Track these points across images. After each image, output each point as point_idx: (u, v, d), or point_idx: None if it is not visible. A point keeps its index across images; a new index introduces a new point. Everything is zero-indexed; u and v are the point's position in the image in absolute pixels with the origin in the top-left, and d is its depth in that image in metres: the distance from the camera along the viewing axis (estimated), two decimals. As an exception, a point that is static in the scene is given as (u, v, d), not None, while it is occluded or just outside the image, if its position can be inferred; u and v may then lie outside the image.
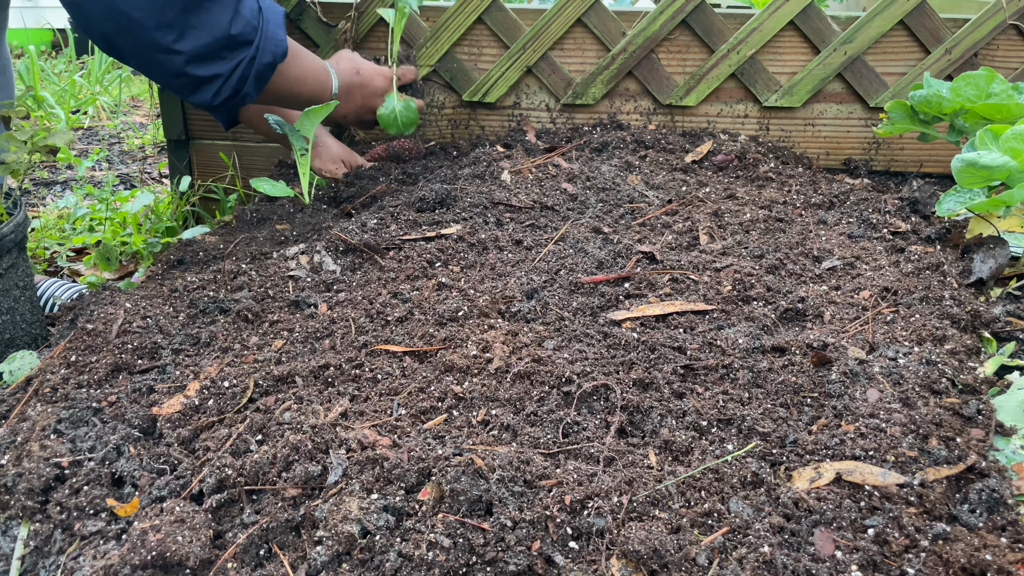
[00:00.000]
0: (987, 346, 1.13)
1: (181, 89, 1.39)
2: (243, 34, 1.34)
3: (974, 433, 0.92)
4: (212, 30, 1.30)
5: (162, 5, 1.25)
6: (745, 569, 0.73)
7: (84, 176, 2.82)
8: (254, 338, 1.15)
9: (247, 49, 1.36)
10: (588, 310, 1.20)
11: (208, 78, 1.35)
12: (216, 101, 1.39)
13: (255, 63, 1.38)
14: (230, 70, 1.36)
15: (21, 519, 0.86)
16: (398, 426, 0.93)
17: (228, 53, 1.35)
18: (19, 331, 1.30)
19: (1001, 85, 1.52)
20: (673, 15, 1.85)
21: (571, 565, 0.74)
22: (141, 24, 1.25)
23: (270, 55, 1.39)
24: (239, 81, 1.37)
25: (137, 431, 0.96)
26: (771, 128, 1.95)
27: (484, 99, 1.96)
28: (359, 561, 0.75)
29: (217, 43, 1.32)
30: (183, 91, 1.39)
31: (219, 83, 1.36)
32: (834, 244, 1.42)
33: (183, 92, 1.40)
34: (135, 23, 1.25)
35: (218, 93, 1.37)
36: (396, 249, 1.40)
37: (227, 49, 1.34)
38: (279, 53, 1.41)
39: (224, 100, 1.39)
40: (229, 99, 1.40)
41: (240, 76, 1.37)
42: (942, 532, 0.77)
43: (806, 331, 1.14)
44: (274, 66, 1.42)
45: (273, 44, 1.40)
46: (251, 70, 1.38)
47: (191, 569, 0.77)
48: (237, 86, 1.38)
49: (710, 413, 0.95)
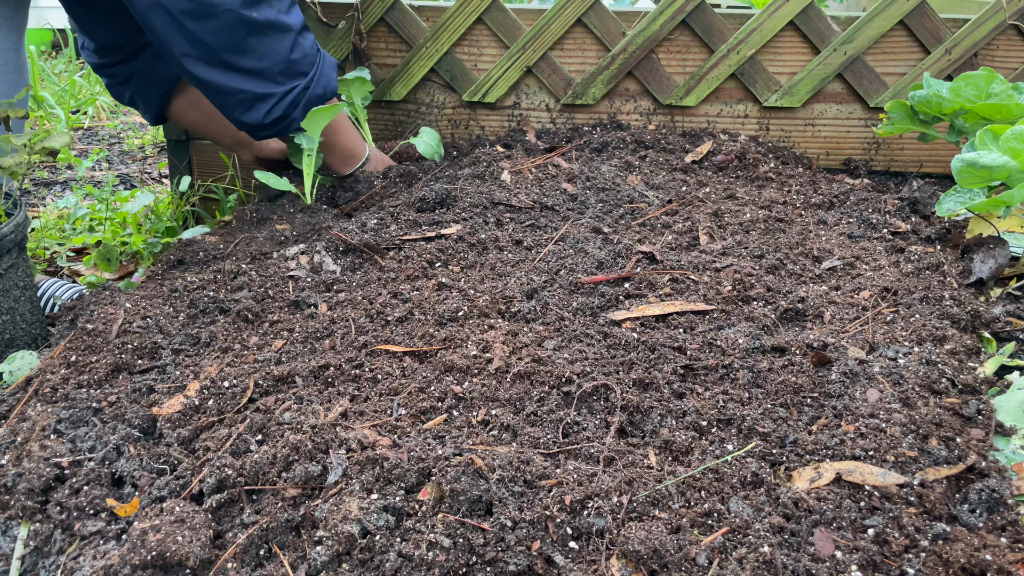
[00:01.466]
0: (987, 346, 1.13)
1: (235, 106, 1.50)
2: (301, 63, 1.50)
3: (974, 433, 0.92)
4: (272, 55, 1.46)
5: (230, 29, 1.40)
6: (745, 569, 0.73)
7: (84, 176, 2.82)
8: (254, 338, 1.15)
9: (302, 79, 1.51)
10: (588, 310, 1.20)
11: (263, 95, 1.48)
12: (267, 120, 1.51)
13: (308, 92, 1.52)
14: (284, 92, 1.49)
15: (21, 519, 0.86)
16: (398, 426, 0.93)
17: (284, 79, 1.49)
18: (19, 331, 1.30)
19: (1001, 85, 1.52)
20: (673, 15, 1.85)
21: (571, 565, 0.74)
22: (211, 46, 1.41)
23: (322, 88, 1.54)
24: (290, 106, 1.51)
25: (137, 431, 0.96)
26: (771, 128, 1.95)
27: (484, 99, 1.96)
28: (359, 561, 0.75)
29: (275, 66, 1.47)
30: (237, 107, 1.50)
31: (272, 101, 1.49)
32: (834, 244, 1.42)
33: (236, 108, 1.50)
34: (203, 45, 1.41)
35: (270, 112, 1.50)
36: (396, 249, 1.40)
37: (283, 75, 1.48)
38: (331, 89, 1.57)
39: (274, 120, 1.52)
40: (278, 120, 1.52)
41: (291, 101, 1.51)
42: (942, 532, 0.77)
43: (806, 331, 1.14)
44: (324, 99, 1.56)
45: (326, 80, 1.56)
46: (303, 98, 1.52)
47: (191, 569, 0.77)
48: (287, 110, 1.51)
49: (710, 413, 0.95)
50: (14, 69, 1.56)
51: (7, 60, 1.54)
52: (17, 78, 1.57)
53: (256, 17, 1.40)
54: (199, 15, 1.37)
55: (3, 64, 1.53)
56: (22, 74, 1.59)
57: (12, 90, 1.56)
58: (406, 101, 2.00)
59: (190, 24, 1.37)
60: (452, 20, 1.89)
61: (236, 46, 1.41)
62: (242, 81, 1.45)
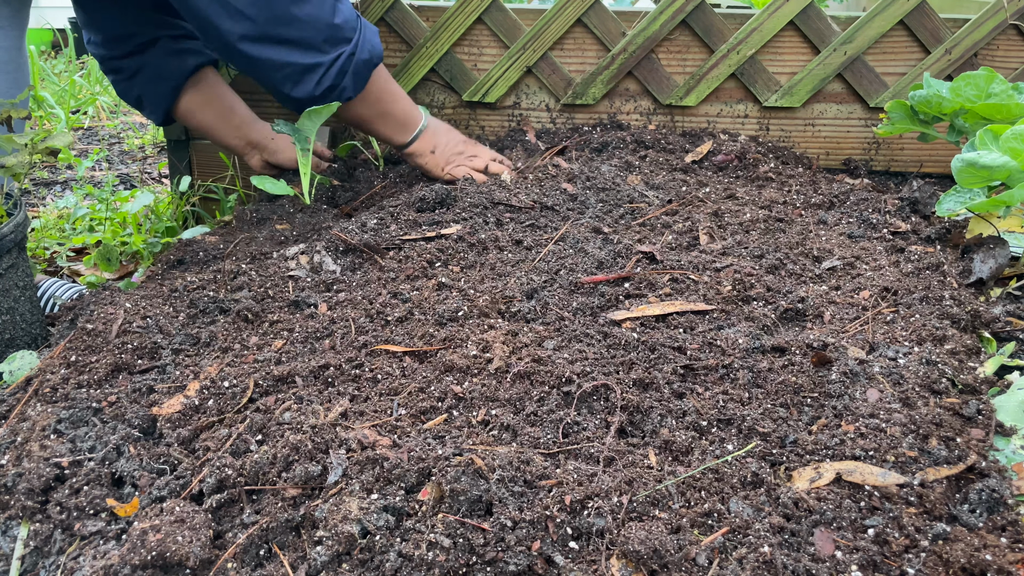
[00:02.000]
0: (987, 346, 1.13)
1: (284, 80, 1.46)
2: (344, 28, 1.45)
3: (974, 433, 0.92)
4: (315, 21, 1.41)
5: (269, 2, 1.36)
6: (745, 569, 0.73)
7: (84, 176, 2.82)
8: (254, 338, 1.15)
9: (346, 45, 1.46)
10: (588, 310, 1.20)
11: (310, 66, 1.44)
12: (317, 91, 1.47)
13: (354, 59, 1.47)
14: (331, 61, 1.45)
15: (21, 519, 0.86)
16: (398, 426, 0.93)
17: (329, 47, 1.44)
18: (19, 331, 1.30)
19: (1001, 85, 1.52)
20: (673, 15, 1.85)
21: (571, 565, 0.74)
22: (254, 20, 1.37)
23: (368, 53, 1.49)
24: (338, 74, 1.46)
25: (137, 431, 0.96)
26: (771, 128, 1.95)
27: (484, 99, 1.96)
28: (359, 561, 0.75)
29: (319, 33, 1.42)
30: (286, 82, 1.46)
31: (320, 73, 1.45)
32: (834, 244, 1.42)
33: (286, 83, 1.46)
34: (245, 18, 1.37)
35: (319, 83, 1.46)
36: (396, 249, 1.40)
37: (328, 42, 1.43)
38: (376, 54, 1.51)
39: (324, 91, 1.47)
40: (328, 91, 1.48)
41: (339, 69, 1.46)
42: (942, 532, 0.77)
43: (806, 331, 1.14)
44: (372, 65, 1.51)
45: (371, 45, 1.50)
46: (350, 64, 1.47)
47: (191, 569, 0.77)
48: (336, 79, 1.47)
49: (710, 413, 0.95)
50: (14, 69, 1.56)
51: (8, 59, 1.54)
52: (17, 77, 1.57)
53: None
54: None
55: (4, 63, 1.53)
56: (22, 74, 1.59)
57: (12, 90, 1.56)
58: (406, 101, 2.00)
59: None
60: (452, 20, 1.89)
61: (279, 16, 1.38)
62: (288, 53, 1.42)
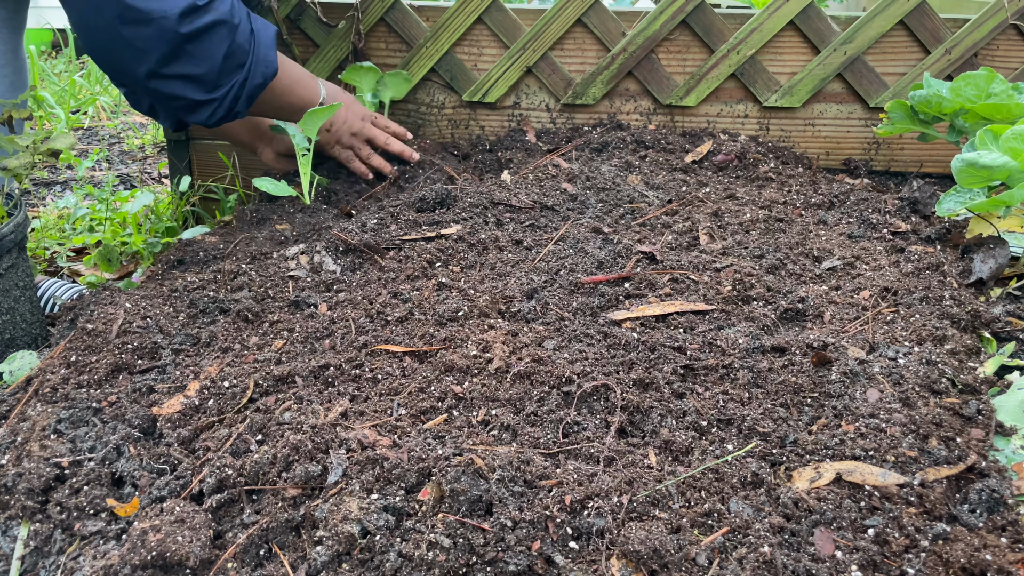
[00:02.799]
0: (987, 346, 1.13)
1: (177, 110, 1.47)
2: (236, 55, 1.42)
3: (974, 433, 0.92)
4: (211, 59, 1.39)
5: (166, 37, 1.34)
6: (745, 569, 0.73)
7: (84, 176, 2.82)
8: (254, 338, 1.15)
9: (239, 72, 1.44)
10: (588, 310, 1.20)
11: (203, 102, 1.43)
12: (211, 121, 1.47)
13: (247, 85, 1.46)
14: (223, 95, 1.44)
15: (21, 519, 0.86)
16: (398, 426, 0.93)
17: (223, 79, 1.43)
18: (19, 331, 1.30)
19: (1001, 85, 1.52)
20: (673, 15, 1.85)
21: (571, 565, 0.74)
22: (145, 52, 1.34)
23: (260, 76, 1.48)
24: (232, 101, 1.46)
25: (137, 431, 0.96)
26: (771, 128, 1.95)
27: (484, 99, 1.96)
28: (359, 561, 0.75)
29: (212, 70, 1.40)
30: (180, 111, 1.47)
31: (214, 106, 1.45)
32: (834, 244, 1.42)
33: (180, 112, 1.47)
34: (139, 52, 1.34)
35: (212, 115, 1.46)
36: (396, 249, 1.40)
37: (221, 75, 1.42)
38: (269, 74, 1.50)
39: (219, 120, 1.48)
40: (223, 119, 1.48)
41: (233, 97, 1.45)
42: (942, 532, 0.77)
43: (806, 331, 1.14)
44: (264, 86, 1.50)
45: (264, 66, 1.48)
46: (243, 92, 1.46)
47: (191, 569, 0.77)
48: (230, 106, 1.46)
49: (710, 413, 0.95)
50: (12, 71, 1.56)
51: (6, 62, 1.54)
52: (16, 79, 1.57)
53: (195, 25, 1.34)
54: (136, 21, 1.31)
55: (1, 66, 1.53)
56: (21, 75, 1.59)
57: (11, 91, 1.56)
58: (406, 101, 2.00)
59: (125, 30, 1.31)
60: (452, 20, 1.89)
61: (172, 54, 1.36)
62: (181, 88, 1.40)
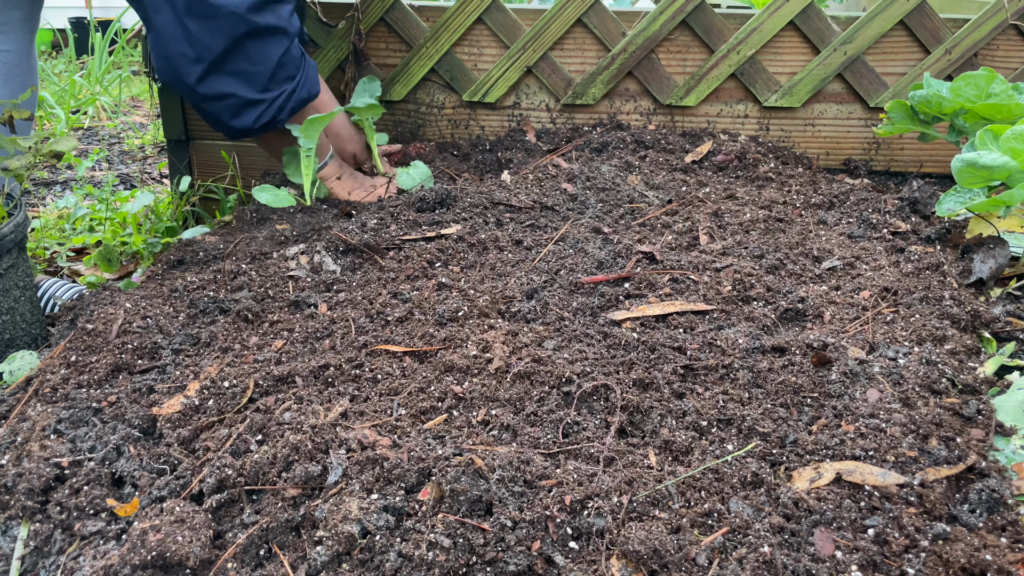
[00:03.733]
0: (987, 346, 1.13)
1: (224, 111, 1.50)
2: (288, 67, 1.51)
3: (974, 433, 0.92)
4: (267, 60, 1.47)
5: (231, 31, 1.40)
6: (745, 569, 0.73)
7: (84, 176, 2.82)
8: (254, 338, 1.15)
9: (289, 83, 1.53)
10: (588, 310, 1.20)
11: (255, 101, 1.49)
12: (256, 125, 1.53)
13: (294, 96, 1.54)
14: (273, 98, 1.51)
15: (21, 519, 0.86)
16: (398, 426, 0.93)
17: (273, 84, 1.50)
18: (19, 331, 1.30)
19: (1001, 85, 1.52)
20: (673, 15, 1.85)
21: (571, 565, 0.74)
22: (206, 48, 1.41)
23: (307, 92, 1.57)
24: (278, 109, 1.53)
25: (137, 431, 0.96)
26: (771, 128, 1.95)
27: (484, 99, 1.96)
28: (359, 561, 0.75)
29: (266, 72, 1.48)
30: (226, 112, 1.50)
31: (262, 108, 1.51)
32: (834, 244, 1.42)
33: (226, 114, 1.51)
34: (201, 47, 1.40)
35: (259, 118, 1.52)
36: (396, 249, 1.40)
37: (273, 80, 1.49)
38: (313, 93, 1.60)
39: (263, 125, 1.54)
40: (266, 125, 1.54)
41: (279, 106, 1.53)
42: (942, 532, 0.77)
43: (806, 331, 1.14)
44: (308, 101, 1.58)
45: (311, 84, 1.58)
46: (289, 102, 1.53)
47: (191, 569, 0.77)
48: (276, 113, 1.53)
49: (710, 413, 0.95)
50: (24, 71, 1.57)
51: (18, 62, 1.54)
52: (26, 79, 1.58)
53: (259, 22, 1.40)
54: (203, 15, 1.37)
55: (14, 66, 1.54)
56: (31, 76, 1.59)
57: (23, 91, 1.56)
58: (406, 101, 2.00)
59: (191, 23, 1.37)
60: (452, 20, 1.89)
61: (233, 49, 1.41)
62: (234, 85, 1.45)
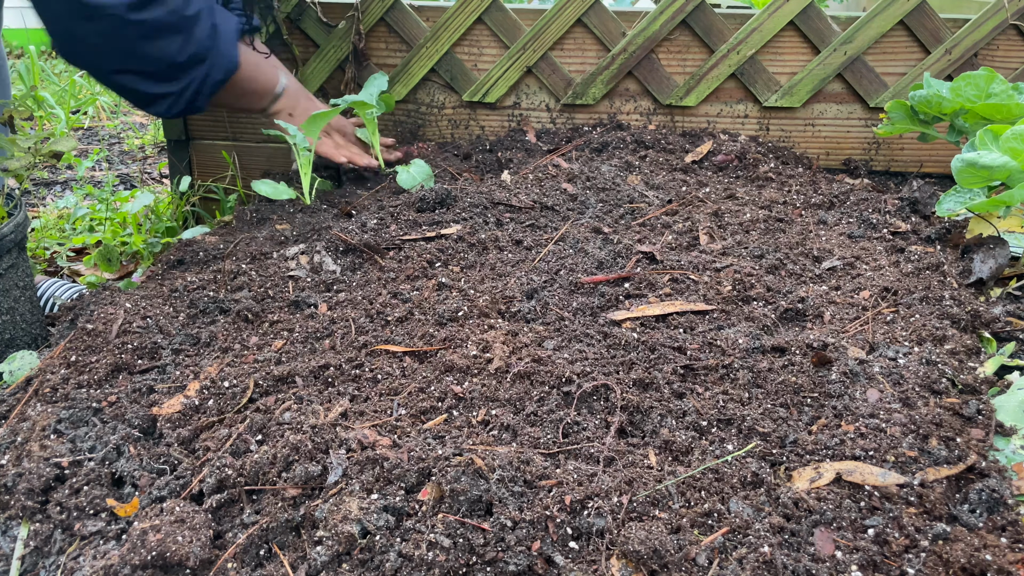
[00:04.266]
0: (987, 346, 1.13)
1: (137, 101, 1.47)
2: (195, 55, 1.42)
3: (974, 433, 0.92)
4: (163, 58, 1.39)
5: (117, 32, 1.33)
6: (745, 569, 0.73)
7: (84, 176, 2.82)
8: (254, 338, 1.15)
9: (200, 67, 1.44)
10: (588, 310, 1.20)
11: (160, 95, 1.44)
12: (172, 113, 1.48)
13: (207, 80, 1.47)
14: (182, 88, 1.45)
15: (21, 519, 0.86)
16: (398, 426, 0.93)
17: (179, 74, 1.43)
18: (19, 331, 1.30)
19: (1001, 85, 1.52)
20: (673, 15, 1.85)
21: (571, 565, 0.74)
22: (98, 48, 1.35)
23: (222, 72, 1.48)
24: (193, 96, 1.47)
25: (137, 431, 0.96)
26: (771, 128, 1.95)
27: (484, 99, 1.96)
28: (359, 561, 0.75)
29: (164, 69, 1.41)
30: (140, 102, 1.47)
31: (171, 100, 1.46)
32: (834, 244, 1.42)
33: (140, 103, 1.48)
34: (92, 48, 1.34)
35: (171, 108, 1.47)
36: (396, 249, 1.40)
37: (177, 70, 1.43)
38: (231, 69, 1.50)
39: (178, 113, 1.49)
40: (183, 112, 1.49)
41: (193, 92, 1.46)
42: (942, 532, 0.77)
43: (806, 331, 1.14)
44: (225, 81, 1.50)
45: (226, 61, 1.48)
46: (204, 86, 1.47)
47: (191, 569, 0.77)
48: (190, 99, 1.47)
49: (710, 413, 0.95)
50: None
51: None
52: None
53: (145, 19, 1.31)
54: (85, 16, 1.29)
55: None
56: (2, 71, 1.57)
57: None
58: (406, 101, 2.00)
59: (75, 25, 1.31)
60: (452, 20, 1.89)
61: (122, 49, 1.35)
62: (135, 81, 1.41)
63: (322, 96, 2.00)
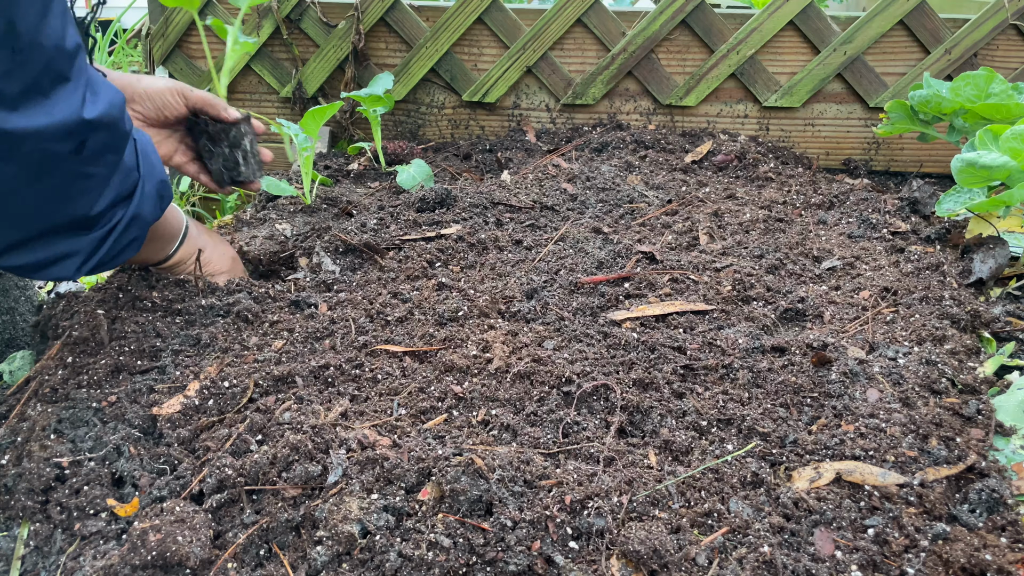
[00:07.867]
0: (987, 346, 1.13)
1: None
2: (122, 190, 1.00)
3: (974, 433, 0.92)
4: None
5: None
6: (745, 569, 0.73)
7: (84, 176, 2.82)
8: (254, 338, 1.15)
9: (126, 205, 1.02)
10: (588, 310, 1.20)
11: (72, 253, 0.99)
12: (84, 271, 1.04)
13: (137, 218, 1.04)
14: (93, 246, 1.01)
15: (21, 519, 0.86)
16: (398, 426, 0.93)
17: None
18: (19, 331, 1.30)
19: (1001, 85, 1.52)
20: (673, 15, 1.85)
21: (571, 565, 0.74)
22: None
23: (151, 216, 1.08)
24: (108, 254, 1.03)
25: (137, 431, 0.96)
26: (771, 128, 1.95)
27: (484, 99, 1.96)
28: (359, 561, 0.75)
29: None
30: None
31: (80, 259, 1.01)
32: (834, 244, 1.42)
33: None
34: None
35: (79, 270, 1.02)
36: (396, 249, 1.40)
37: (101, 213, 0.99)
38: (151, 220, 1.08)
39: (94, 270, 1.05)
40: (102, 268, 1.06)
41: (107, 253, 1.03)
42: (942, 532, 0.77)
43: (806, 331, 1.14)
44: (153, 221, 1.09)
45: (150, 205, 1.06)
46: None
47: (191, 569, 0.77)
48: (110, 252, 1.03)
49: (710, 413, 0.95)
50: None
51: None
52: None
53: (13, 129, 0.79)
54: None
55: None
56: None
57: None
58: (406, 101, 2.00)
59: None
60: (452, 20, 1.89)
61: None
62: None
63: (323, 96, 2.00)
